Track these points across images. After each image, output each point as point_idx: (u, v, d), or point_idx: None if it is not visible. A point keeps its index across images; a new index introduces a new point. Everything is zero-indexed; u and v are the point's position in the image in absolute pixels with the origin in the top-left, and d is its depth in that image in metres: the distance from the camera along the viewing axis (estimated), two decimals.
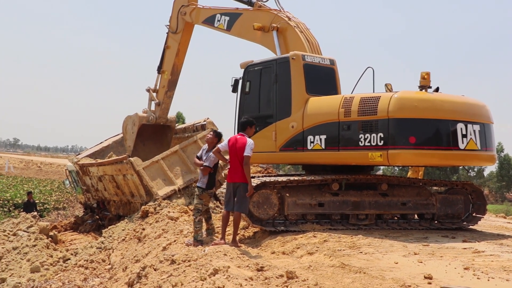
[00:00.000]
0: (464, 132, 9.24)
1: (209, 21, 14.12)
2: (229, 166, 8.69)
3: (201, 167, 9.13)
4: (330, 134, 9.74)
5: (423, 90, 9.43)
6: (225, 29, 13.46)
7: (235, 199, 8.45)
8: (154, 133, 16.78)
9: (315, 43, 11.54)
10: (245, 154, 8.35)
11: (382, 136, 9.02)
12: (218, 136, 9.46)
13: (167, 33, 15.92)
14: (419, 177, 13.12)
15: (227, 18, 13.41)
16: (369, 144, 9.17)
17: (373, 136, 9.12)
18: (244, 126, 8.72)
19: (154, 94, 16.48)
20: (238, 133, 8.79)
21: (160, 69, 16.30)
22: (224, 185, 9.25)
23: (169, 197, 13.53)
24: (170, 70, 15.92)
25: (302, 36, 11.39)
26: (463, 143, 9.23)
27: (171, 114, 16.98)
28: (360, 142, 9.29)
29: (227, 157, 8.63)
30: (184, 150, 14.35)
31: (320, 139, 9.86)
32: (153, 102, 16.53)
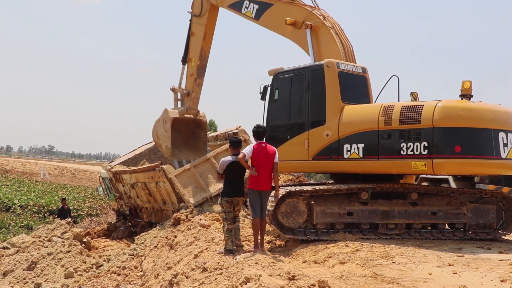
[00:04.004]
0: (505, 141, 9.15)
1: (236, 7, 13.62)
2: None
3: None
4: (368, 143, 9.64)
5: (465, 99, 9.32)
6: (253, 17, 13.01)
7: (262, 206, 8.72)
8: (186, 142, 16.28)
9: (349, 47, 11.31)
10: (276, 160, 8.68)
11: (426, 145, 8.93)
12: (235, 145, 9.13)
13: (190, 20, 15.26)
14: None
15: (256, 7, 12.98)
16: (411, 153, 9.08)
17: (416, 145, 9.03)
18: (263, 134, 8.94)
19: (179, 95, 15.71)
20: (258, 141, 8.80)
21: (185, 60, 15.51)
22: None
23: (200, 204, 13.58)
24: (198, 56, 15.16)
25: (337, 38, 11.17)
26: (504, 152, 9.13)
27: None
28: (402, 151, 9.20)
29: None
30: (216, 158, 14.31)
31: (358, 148, 9.77)
32: (179, 103, 15.80)
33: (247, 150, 8.60)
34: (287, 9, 12.17)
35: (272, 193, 8.97)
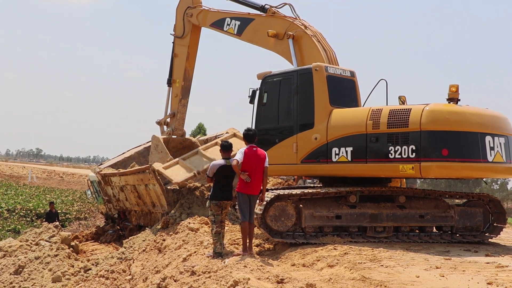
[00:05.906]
0: (491, 145, 9.23)
1: (218, 25, 13.87)
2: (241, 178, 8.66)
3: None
4: (357, 146, 9.68)
5: (452, 103, 9.40)
6: (235, 33, 13.27)
7: (251, 209, 8.69)
8: None
9: (332, 53, 11.42)
10: (266, 165, 8.63)
11: (414, 148, 8.99)
12: (225, 148, 9.12)
13: (173, 42, 15.55)
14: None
15: (238, 23, 13.22)
16: (399, 156, 9.14)
17: (404, 148, 9.09)
18: (254, 137, 8.80)
19: (165, 128, 15.96)
20: (249, 144, 8.72)
21: (170, 81, 15.82)
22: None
23: (189, 188, 13.29)
24: (182, 77, 15.44)
25: (319, 46, 11.29)
26: (491, 155, 9.20)
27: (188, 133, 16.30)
28: (389, 155, 9.25)
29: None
30: (205, 150, 14.25)
31: (346, 151, 9.81)
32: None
33: (239, 156, 8.52)
34: (268, 22, 12.34)
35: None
